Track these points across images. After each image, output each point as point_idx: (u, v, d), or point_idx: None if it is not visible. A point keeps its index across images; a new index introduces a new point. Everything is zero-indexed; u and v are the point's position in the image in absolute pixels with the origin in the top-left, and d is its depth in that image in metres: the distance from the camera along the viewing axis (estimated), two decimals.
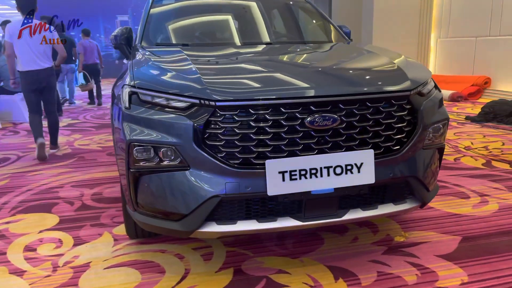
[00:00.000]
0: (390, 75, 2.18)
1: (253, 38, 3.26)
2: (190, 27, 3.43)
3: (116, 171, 4.16)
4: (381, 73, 2.20)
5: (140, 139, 2.00)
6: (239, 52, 2.84)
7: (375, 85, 2.08)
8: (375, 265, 2.30)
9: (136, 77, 2.16)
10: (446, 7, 9.80)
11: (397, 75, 2.18)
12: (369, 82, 2.11)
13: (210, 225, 1.99)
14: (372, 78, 2.14)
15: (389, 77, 2.16)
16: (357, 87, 2.06)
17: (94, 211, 3.18)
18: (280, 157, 1.93)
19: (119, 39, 3.14)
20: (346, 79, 2.14)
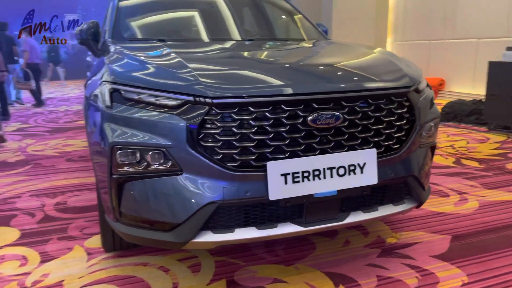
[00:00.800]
0: (388, 71, 2.11)
1: (232, 35, 3.09)
2: (165, 21, 3.21)
3: (79, 178, 3.86)
4: (379, 69, 2.12)
5: (125, 141, 1.79)
6: (227, 48, 2.67)
7: (376, 81, 2.00)
8: (373, 269, 2.21)
9: (117, 73, 1.94)
10: (401, 11, 10.09)
11: (395, 72, 2.11)
12: (369, 78, 2.02)
13: (205, 234, 1.82)
14: (372, 74, 2.05)
15: (388, 74, 2.08)
16: (359, 82, 1.96)
17: (60, 222, 2.89)
18: (281, 158, 1.79)
19: (86, 34, 2.88)
20: (346, 75, 2.04)
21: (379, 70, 2.11)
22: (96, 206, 3.14)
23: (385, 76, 2.05)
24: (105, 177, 1.92)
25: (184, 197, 1.77)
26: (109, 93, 1.89)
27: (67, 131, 6.45)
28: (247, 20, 3.43)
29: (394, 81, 2.02)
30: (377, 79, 2.01)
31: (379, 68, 2.12)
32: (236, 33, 3.10)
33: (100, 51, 2.87)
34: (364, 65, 2.18)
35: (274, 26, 3.47)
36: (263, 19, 3.52)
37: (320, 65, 2.14)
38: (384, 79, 2.02)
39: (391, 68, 2.14)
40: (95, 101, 2.01)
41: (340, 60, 2.21)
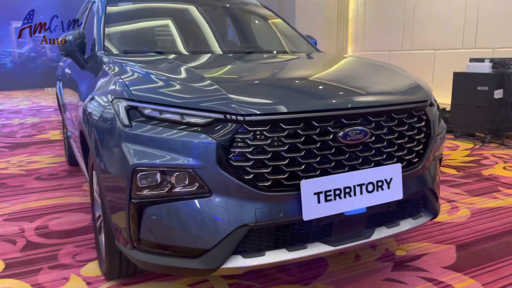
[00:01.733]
0: (407, 85, 2.11)
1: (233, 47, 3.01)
2: (163, 33, 3.07)
3: (55, 199, 3.61)
4: (398, 84, 2.12)
5: (148, 163, 1.67)
6: (239, 61, 2.58)
7: (399, 95, 1.99)
8: (392, 284, 2.19)
9: (133, 89, 1.81)
10: (361, 22, 10.40)
11: (414, 86, 2.12)
12: (392, 92, 2.01)
13: (235, 259, 1.71)
14: (393, 88, 2.05)
15: (407, 88, 2.09)
16: (384, 97, 1.94)
17: (47, 249, 2.66)
18: (312, 176, 1.73)
19: (74, 46, 2.69)
20: (372, 89, 2.02)
21: (398, 84, 2.11)
22: (84, 229, 2.94)
23: (405, 91, 2.05)
24: (120, 202, 1.78)
25: (213, 220, 1.67)
26: (125, 111, 1.75)
27: (28, 146, 6.04)
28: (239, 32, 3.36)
29: (414, 95, 2.03)
30: (400, 94, 2.00)
31: (398, 83, 2.12)
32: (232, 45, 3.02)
33: (89, 64, 2.69)
34: (384, 79, 2.17)
35: (271, 39, 3.42)
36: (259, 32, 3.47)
37: (343, 80, 2.11)
38: (406, 93, 2.03)
39: (409, 82, 2.15)
40: (105, 120, 1.86)
41: (359, 75, 2.19)
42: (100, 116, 1.92)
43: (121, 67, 2.13)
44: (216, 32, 3.07)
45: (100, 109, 1.95)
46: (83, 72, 2.73)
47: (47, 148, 5.88)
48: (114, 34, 2.81)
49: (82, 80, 2.65)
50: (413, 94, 2.03)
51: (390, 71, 2.31)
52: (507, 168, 4.40)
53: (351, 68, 2.29)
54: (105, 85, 2.05)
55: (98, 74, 2.29)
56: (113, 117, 1.81)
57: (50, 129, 7.58)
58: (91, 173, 2.40)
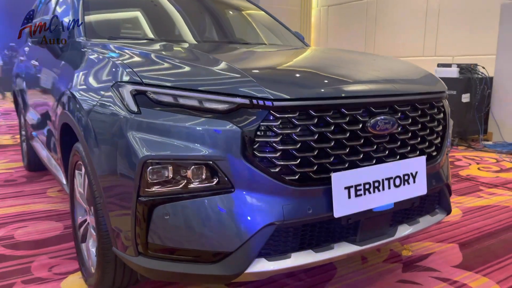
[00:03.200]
0: (425, 76, 2.02)
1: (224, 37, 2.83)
2: (147, 17, 2.81)
3: (17, 206, 3.24)
4: (417, 75, 2.02)
5: (161, 154, 1.45)
6: (255, 50, 2.40)
7: (421, 85, 1.90)
8: (407, 286, 2.08)
9: (140, 72, 1.58)
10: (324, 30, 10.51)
11: (431, 77, 2.03)
12: (415, 82, 1.92)
13: (259, 262, 1.52)
14: (415, 78, 1.95)
15: (426, 79, 1.99)
16: (409, 86, 1.84)
17: (16, 262, 2.32)
18: (342, 169, 1.58)
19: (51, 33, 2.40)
20: (397, 78, 1.90)
21: (417, 75, 2.01)
22: (57, 238, 2.62)
23: (426, 81, 1.96)
24: (124, 201, 1.54)
25: (236, 219, 1.47)
26: (131, 96, 1.53)
27: None
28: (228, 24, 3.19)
29: (435, 85, 1.94)
30: (422, 83, 1.91)
31: (416, 73, 2.03)
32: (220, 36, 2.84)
33: (67, 51, 2.41)
34: (403, 70, 2.07)
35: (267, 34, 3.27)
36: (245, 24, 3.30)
37: (366, 68, 1.98)
38: (427, 83, 1.93)
39: (425, 74, 2.06)
40: (103, 107, 1.62)
41: (379, 65, 2.07)
42: (96, 104, 1.68)
43: (118, 51, 1.89)
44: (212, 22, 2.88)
45: (96, 96, 1.70)
46: (60, 60, 2.44)
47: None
48: (94, 17, 2.54)
49: (61, 69, 2.36)
50: (433, 85, 1.94)
51: (404, 63, 2.22)
52: (481, 169, 4.49)
53: (367, 59, 2.17)
54: (100, 70, 1.80)
55: (85, 60, 2.03)
56: (114, 103, 1.58)
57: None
58: (72, 173, 2.12)
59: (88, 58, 2.04)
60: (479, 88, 5.67)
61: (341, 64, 2.00)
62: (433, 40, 8.00)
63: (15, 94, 4.41)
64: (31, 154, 4.08)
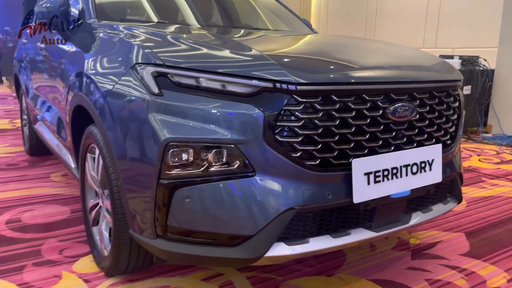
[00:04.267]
0: (442, 65, 2.02)
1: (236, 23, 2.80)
2: (150, 1, 2.76)
3: (22, 190, 3.22)
4: (435, 63, 2.01)
5: (183, 137, 1.44)
6: (274, 35, 2.38)
7: (439, 73, 1.89)
8: (417, 273, 2.10)
9: (161, 53, 1.57)
10: (323, 19, 10.47)
11: (447, 65, 2.03)
12: (433, 69, 1.91)
13: (278, 247, 1.52)
14: (433, 66, 1.95)
15: (443, 67, 1.99)
16: (428, 73, 1.84)
17: (25, 244, 2.31)
18: (361, 155, 1.58)
19: (58, 13, 2.37)
20: (416, 65, 1.90)
21: (435, 63, 2.01)
22: (65, 222, 2.61)
23: (443, 69, 1.96)
24: (143, 184, 1.53)
25: (257, 203, 1.47)
26: (153, 78, 1.51)
27: None
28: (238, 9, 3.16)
29: (452, 74, 1.94)
30: (440, 71, 1.91)
31: (434, 62, 2.02)
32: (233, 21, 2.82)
33: (77, 34, 2.38)
34: (422, 58, 2.06)
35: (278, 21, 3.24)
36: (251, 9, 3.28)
37: (385, 55, 1.97)
38: (444, 71, 1.93)
39: (442, 62, 2.05)
40: (123, 89, 1.61)
41: (396, 52, 2.06)
42: (114, 86, 1.66)
43: (134, 32, 1.87)
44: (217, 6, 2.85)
45: (114, 78, 1.68)
46: (70, 43, 2.41)
47: None
48: (104, 2, 2.50)
49: (71, 51, 2.33)
50: (450, 73, 1.94)
51: (421, 51, 2.21)
52: (482, 160, 4.52)
53: (385, 46, 2.16)
54: (117, 52, 1.78)
55: (99, 42, 2.01)
56: (134, 85, 1.56)
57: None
58: (84, 157, 2.11)
59: (102, 40, 2.01)
60: (481, 80, 5.69)
61: (360, 50, 1.99)
62: (433, 31, 7.99)
63: (16, 78, 4.36)
64: (33, 139, 4.05)
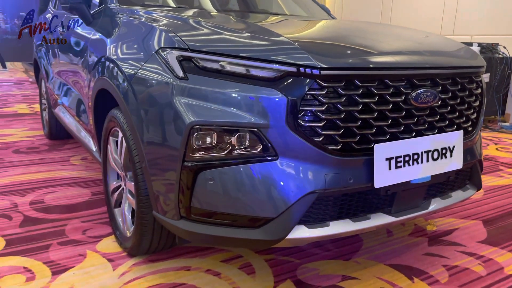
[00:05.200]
0: (465, 50, 2.00)
1: None
2: None
3: (43, 173, 3.29)
4: (458, 49, 2.00)
5: (208, 121, 1.47)
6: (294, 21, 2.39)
7: (463, 59, 1.88)
8: (434, 259, 2.11)
9: (186, 38, 1.58)
10: (338, 6, 10.34)
11: (470, 51, 2.01)
12: (456, 55, 1.90)
13: (299, 229, 1.55)
14: (456, 52, 1.94)
15: (466, 53, 1.98)
16: (452, 59, 1.83)
17: (49, 225, 2.38)
18: (383, 141, 1.59)
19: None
20: (439, 51, 1.89)
21: (458, 49, 1.99)
22: (87, 203, 2.68)
23: (466, 55, 1.94)
24: (167, 166, 1.57)
25: (279, 186, 1.50)
26: (178, 62, 1.53)
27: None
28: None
29: (475, 60, 1.93)
30: (463, 57, 1.90)
31: (457, 48, 2.01)
32: None
33: (99, 18, 2.41)
34: (445, 44, 2.04)
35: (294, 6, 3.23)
36: None
37: (408, 40, 1.96)
38: (467, 57, 1.92)
39: (466, 48, 2.04)
40: (148, 73, 1.63)
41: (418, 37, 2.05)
42: (139, 70, 1.69)
43: (158, 16, 1.89)
44: None
45: (138, 62, 1.71)
46: (92, 27, 2.44)
47: (17, 121, 5.40)
48: None
49: (94, 36, 2.36)
50: (474, 59, 1.92)
51: (445, 37, 2.20)
52: (500, 149, 4.47)
53: (407, 32, 2.14)
54: (141, 36, 1.80)
55: (122, 26, 2.04)
56: (159, 69, 1.59)
57: (15, 102, 7.01)
58: (106, 140, 2.15)
59: (125, 24, 2.04)
60: (499, 68, 5.60)
61: (383, 36, 1.98)
62: (451, 18, 7.85)
63: (36, 63, 4.42)
64: (52, 123, 4.11)
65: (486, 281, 1.94)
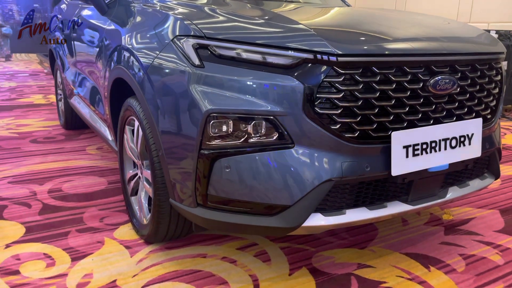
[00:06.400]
0: (485, 37, 1.96)
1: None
2: None
3: (60, 162, 3.34)
4: (477, 35, 1.96)
5: (225, 108, 1.47)
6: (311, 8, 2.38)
7: (482, 45, 1.85)
8: (450, 248, 2.10)
9: (202, 25, 1.58)
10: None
11: (490, 38, 1.98)
12: (476, 42, 1.87)
13: (315, 217, 1.55)
14: (476, 38, 1.90)
15: (486, 39, 1.94)
16: (471, 45, 1.80)
17: (67, 212, 2.42)
18: (400, 128, 1.58)
19: None
20: (458, 37, 1.86)
21: (477, 35, 1.96)
22: (103, 192, 2.71)
23: (486, 41, 1.91)
24: (184, 154, 1.58)
25: (296, 174, 1.50)
26: (194, 50, 1.53)
27: (12, 109, 5.62)
28: None
29: (495, 46, 1.89)
30: (483, 44, 1.86)
31: (476, 34, 1.97)
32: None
33: (114, 8, 2.41)
34: (464, 30, 2.01)
35: None
36: None
37: (427, 27, 1.93)
38: (487, 44, 1.88)
39: (485, 35, 2.00)
40: (164, 61, 1.64)
41: (437, 24, 2.02)
42: (155, 58, 1.69)
43: (173, 4, 1.89)
44: None
45: (154, 50, 1.72)
46: (106, 17, 2.45)
47: (33, 112, 5.48)
48: None
49: (110, 25, 2.37)
50: (494, 45, 1.89)
51: (464, 24, 2.16)
52: None
53: (425, 19, 2.11)
54: (157, 25, 1.80)
55: (138, 15, 2.04)
56: (175, 57, 1.59)
57: (31, 93, 7.09)
58: (122, 129, 2.17)
59: (140, 13, 2.04)
60: None
61: (400, 23, 1.95)
62: (468, 4, 7.69)
63: (51, 53, 4.46)
64: (68, 113, 4.16)
65: (503, 270, 1.92)
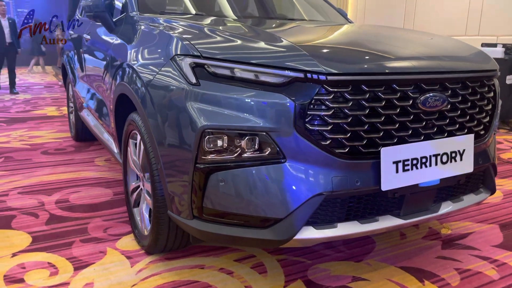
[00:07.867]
0: (477, 54, 2.01)
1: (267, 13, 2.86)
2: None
3: (69, 173, 3.43)
4: (470, 52, 2.01)
5: (219, 125, 1.53)
6: (306, 26, 2.45)
7: (474, 63, 1.89)
8: (446, 262, 2.12)
9: (198, 45, 1.66)
10: (361, 6, 10.29)
11: (483, 55, 2.02)
12: (467, 59, 1.91)
13: (307, 230, 1.60)
14: (467, 56, 1.95)
15: (478, 57, 1.98)
16: (462, 63, 1.84)
17: (73, 223, 2.50)
18: (390, 144, 1.62)
19: (102, 7, 2.50)
20: (448, 56, 1.91)
21: (469, 52, 2.00)
22: (109, 203, 2.79)
23: (478, 59, 1.95)
24: (181, 168, 1.64)
25: (287, 188, 1.55)
26: (191, 69, 1.61)
27: (26, 121, 5.78)
28: None
29: (487, 64, 1.93)
30: (474, 61, 1.90)
31: (468, 51, 2.02)
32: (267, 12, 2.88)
33: (121, 26, 2.51)
34: (454, 47, 2.06)
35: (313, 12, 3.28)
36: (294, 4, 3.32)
37: (419, 45, 1.98)
38: (479, 61, 1.93)
39: (477, 51, 2.04)
40: (163, 79, 1.71)
41: (430, 42, 2.07)
42: (155, 76, 1.77)
43: (174, 25, 1.97)
44: None
45: (155, 68, 1.80)
46: (114, 34, 2.55)
47: (46, 123, 5.63)
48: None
49: (116, 42, 2.47)
50: (486, 63, 1.93)
51: (456, 40, 2.20)
52: None
53: (418, 36, 2.17)
54: (158, 44, 1.89)
55: (141, 34, 2.13)
56: (173, 75, 1.67)
57: (45, 105, 7.29)
58: (126, 142, 2.25)
59: (143, 32, 2.13)
60: None
61: (392, 40, 2.01)
62: (477, 19, 7.71)
63: (63, 67, 4.60)
64: (78, 125, 4.28)
65: (498, 285, 1.94)
